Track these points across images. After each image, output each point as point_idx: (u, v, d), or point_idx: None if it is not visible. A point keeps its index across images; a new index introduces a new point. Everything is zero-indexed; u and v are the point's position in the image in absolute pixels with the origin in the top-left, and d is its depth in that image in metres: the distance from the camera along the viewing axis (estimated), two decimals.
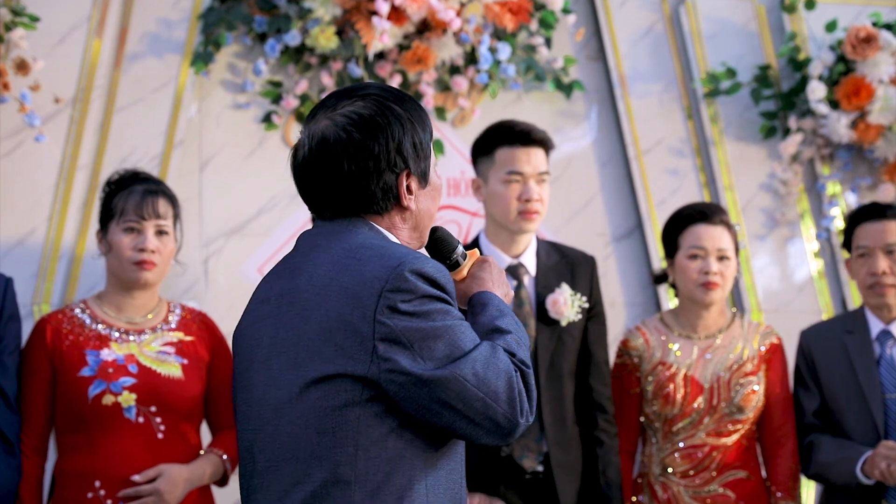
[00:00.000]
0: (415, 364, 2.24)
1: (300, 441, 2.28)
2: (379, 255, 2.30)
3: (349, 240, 2.35)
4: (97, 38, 4.59)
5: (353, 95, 2.40)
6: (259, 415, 2.35)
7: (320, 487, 2.26)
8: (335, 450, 2.26)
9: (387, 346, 2.24)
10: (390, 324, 2.24)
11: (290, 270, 2.39)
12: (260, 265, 4.78)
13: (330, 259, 2.32)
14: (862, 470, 3.82)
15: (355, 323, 2.25)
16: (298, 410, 2.28)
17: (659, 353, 3.97)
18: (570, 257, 4.05)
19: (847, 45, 4.98)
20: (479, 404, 2.26)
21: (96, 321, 3.64)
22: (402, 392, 2.25)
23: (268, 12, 4.75)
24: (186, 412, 3.59)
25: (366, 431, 2.27)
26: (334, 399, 2.26)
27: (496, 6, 4.81)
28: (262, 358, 2.35)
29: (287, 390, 2.30)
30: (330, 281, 2.29)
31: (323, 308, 2.28)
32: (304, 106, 4.81)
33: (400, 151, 2.39)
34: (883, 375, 3.94)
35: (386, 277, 2.26)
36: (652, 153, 5.10)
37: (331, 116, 2.38)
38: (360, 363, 2.25)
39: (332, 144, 2.36)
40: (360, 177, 2.37)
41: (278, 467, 2.31)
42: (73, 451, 3.54)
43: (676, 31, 5.22)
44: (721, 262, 3.93)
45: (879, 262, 3.95)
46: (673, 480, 3.92)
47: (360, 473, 2.26)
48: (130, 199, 3.64)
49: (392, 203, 2.41)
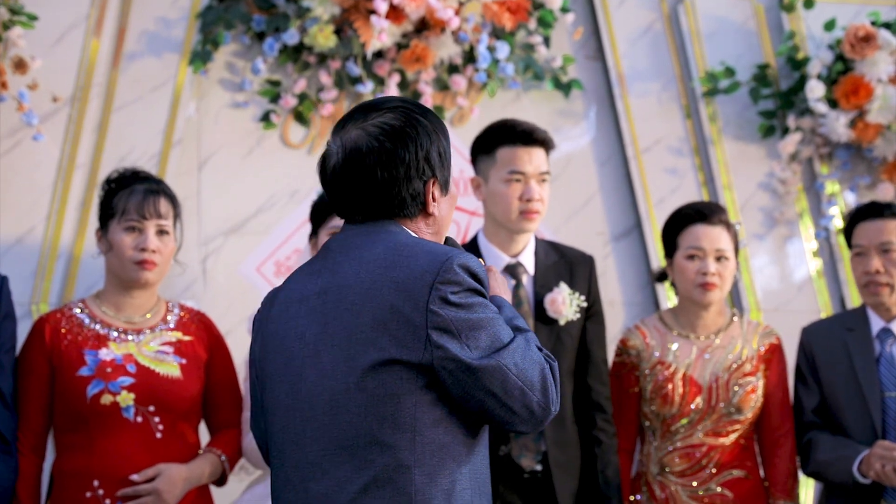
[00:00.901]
0: (463, 352, 2.40)
1: (360, 429, 2.40)
2: (425, 250, 2.46)
3: (390, 239, 2.50)
4: (95, 37, 4.59)
5: (382, 108, 2.55)
6: (311, 406, 2.46)
7: (382, 472, 2.39)
8: (395, 435, 2.40)
9: (439, 334, 2.39)
10: (442, 313, 2.39)
11: (327, 270, 2.52)
12: (258, 264, 4.77)
13: (375, 256, 2.46)
14: (859, 469, 3.82)
15: (408, 313, 2.39)
16: (357, 400, 2.41)
17: (658, 352, 3.97)
18: (569, 257, 4.05)
19: (846, 44, 4.97)
20: (517, 392, 2.43)
21: (95, 320, 3.63)
22: (451, 378, 2.40)
23: (266, 11, 4.74)
24: (185, 412, 3.59)
25: (422, 417, 2.41)
26: (392, 387, 2.40)
27: (495, 5, 4.81)
28: (309, 353, 2.47)
29: (343, 381, 2.42)
30: (379, 276, 2.43)
31: (375, 302, 2.41)
32: (302, 105, 4.81)
33: (427, 160, 2.54)
34: (882, 373, 3.93)
35: (436, 270, 2.41)
36: (651, 152, 5.10)
37: (363, 127, 2.51)
38: (414, 351, 2.39)
39: (364, 153, 2.49)
40: (392, 183, 2.51)
41: (337, 455, 2.42)
42: (71, 451, 3.54)
43: (675, 30, 5.21)
44: (719, 262, 3.92)
45: (873, 262, 3.95)
46: (671, 480, 3.92)
47: (418, 458, 2.41)
48: (132, 199, 3.63)
49: (419, 209, 2.56)
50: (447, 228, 2.67)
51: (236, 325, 4.49)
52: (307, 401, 2.46)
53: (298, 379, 2.49)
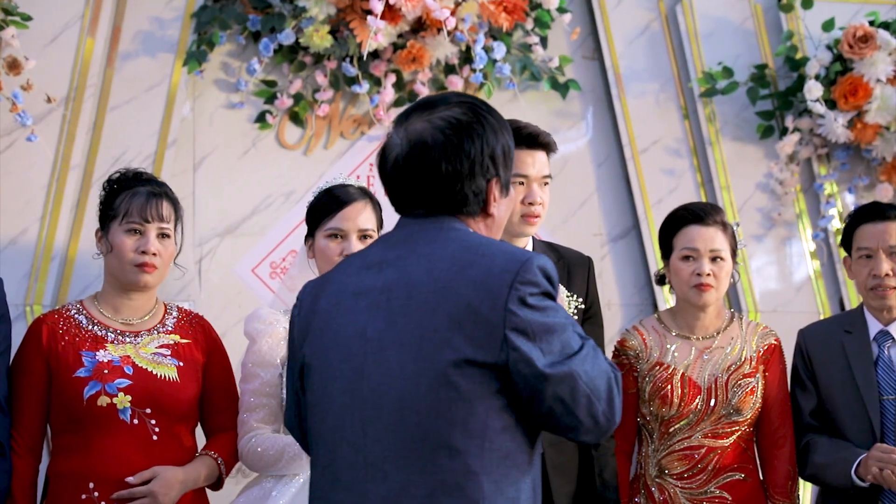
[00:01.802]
0: (537, 356, 2.35)
1: (429, 432, 2.35)
2: (502, 249, 2.42)
3: (461, 237, 2.46)
4: (90, 37, 4.57)
5: (450, 102, 2.51)
6: (375, 406, 2.39)
7: (450, 477, 2.34)
8: (465, 441, 2.34)
9: (516, 335, 2.34)
10: (520, 314, 2.35)
11: (390, 265, 2.47)
12: (254, 265, 4.76)
13: (449, 254, 2.42)
14: (856, 472, 3.80)
15: (485, 313, 2.34)
16: (428, 402, 2.35)
17: (657, 353, 3.95)
18: (567, 258, 4.03)
19: (844, 44, 4.96)
20: (584, 401, 2.39)
21: (92, 322, 3.61)
22: (523, 381, 2.36)
23: (261, 11, 4.73)
24: (181, 414, 3.56)
25: (492, 424, 2.37)
26: (466, 391, 2.34)
27: (491, 5, 4.79)
28: (373, 350, 2.41)
29: (414, 382, 2.36)
30: (455, 275, 2.38)
31: (451, 300, 2.36)
32: (298, 105, 4.79)
33: (492, 158, 2.50)
34: (880, 376, 3.91)
35: (517, 270, 2.37)
36: (648, 153, 5.09)
37: (428, 119, 2.48)
38: (489, 351, 2.34)
39: (430, 145, 2.46)
40: (456, 178, 2.46)
41: (402, 458, 2.36)
42: (67, 452, 3.51)
43: (673, 30, 5.20)
44: (714, 263, 3.90)
45: (882, 264, 3.92)
46: (669, 482, 3.90)
47: (486, 465, 2.36)
48: (135, 201, 3.60)
49: (479, 207, 2.52)
50: (501, 232, 2.62)
51: (232, 327, 4.48)
52: (370, 400, 2.40)
53: (359, 377, 2.42)
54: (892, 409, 3.88)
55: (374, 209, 3.69)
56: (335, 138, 4.87)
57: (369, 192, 3.73)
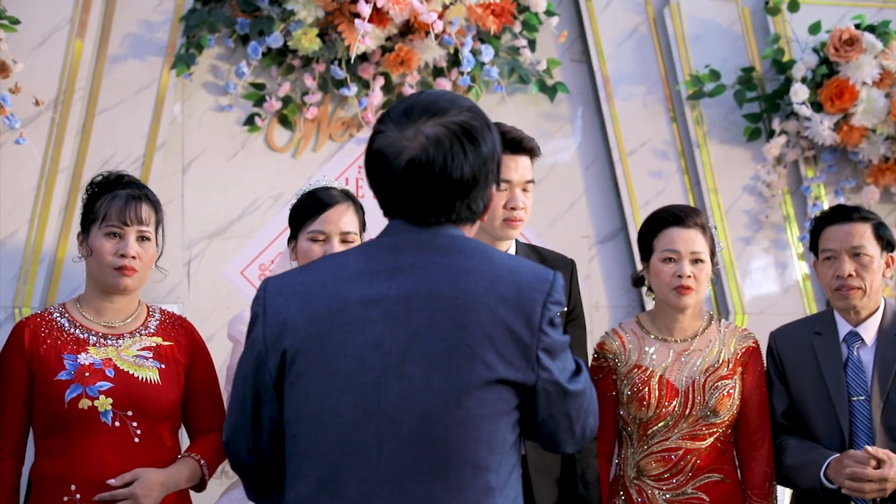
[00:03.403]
0: (560, 375, 2.37)
1: (455, 448, 2.29)
2: (525, 265, 2.41)
3: (478, 247, 2.40)
4: (78, 40, 4.59)
5: (459, 106, 2.41)
6: (394, 421, 2.31)
7: (471, 494, 2.30)
8: (489, 458, 2.31)
9: (546, 355, 2.35)
10: (551, 334, 2.35)
11: (402, 273, 2.37)
12: (243, 267, 4.78)
13: (473, 267, 2.36)
14: (825, 474, 3.82)
15: (519, 331, 2.32)
16: (456, 418, 2.29)
17: (635, 355, 3.96)
18: (549, 260, 4.03)
19: (830, 47, 4.98)
20: (583, 416, 2.44)
21: (74, 325, 3.62)
22: (546, 400, 2.37)
23: (250, 14, 4.75)
24: (163, 417, 3.57)
25: (507, 439, 2.36)
26: (493, 407, 2.31)
27: (479, 8, 4.81)
28: (392, 363, 2.32)
29: (441, 397, 2.29)
30: (484, 289, 2.32)
31: (484, 316, 2.31)
32: (286, 108, 4.81)
33: (498, 164, 2.46)
34: (850, 377, 3.92)
35: (547, 290, 2.36)
36: (636, 155, 5.11)
37: (443, 123, 2.38)
38: (520, 371, 2.32)
39: (451, 150, 2.37)
40: (474, 184, 2.40)
41: (423, 475, 2.29)
42: (49, 455, 3.53)
43: (660, 33, 5.22)
44: (695, 265, 3.91)
45: (845, 265, 3.94)
46: (647, 484, 3.91)
47: (500, 481, 2.34)
48: (113, 204, 3.61)
49: (479, 215, 2.47)
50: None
51: (220, 329, 4.49)
52: (388, 415, 2.31)
53: (374, 390, 2.32)
54: (862, 411, 3.89)
55: (357, 212, 3.70)
56: (324, 141, 4.90)
57: (352, 194, 3.74)
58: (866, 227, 3.95)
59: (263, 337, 2.44)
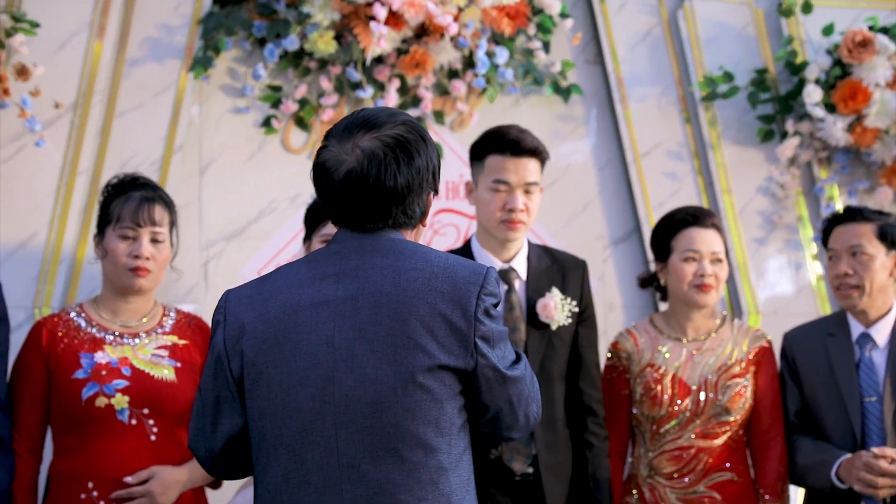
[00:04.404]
0: (499, 361, 2.55)
1: (406, 432, 2.48)
2: (461, 263, 2.58)
3: (417, 249, 2.58)
4: (98, 43, 4.63)
5: (395, 121, 2.60)
6: (348, 410, 2.49)
7: (425, 473, 2.49)
8: (437, 439, 2.51)
9: (483, 342, 2.53)
10: (486, 323, 2.53)
11: (348, 276, 2.55)
12: (259, 268, 4.81)
13: (412, 266, 2.54)
14: (837, 474, 3.84)
15: (456, 322, 2.51)
16: (403, 404, 2.48)
17: (648, 355, 3.99)
18: (561, 261, 4.06)
19: (844, 48, 4.99)
20: (525, 402, 2.62)
21: (91, 324, 3.67)
22: (486, 385, 2.55)
23: (267, 17, 4.78)
24: (179, 415, 3.62)
25: (455, 422, 2.54)
26: (438, 392, 2.50)
27: (494, 11, 4.84)
28: (343, 358, 2.50)
29: (390, 385, 2.48)
30: (422, 286, 2.51)
31: (422, 310, 2.50)
32: (303, 110, 4.84)
33: (433, 173, 2.64)
34: (862, 378, 3.94)
35: (480, 282, 2.55)
36: (650, 157, 5.12)
37: (378, 137, 2.56)
38: (460, 357, 2.51)
39: (384, 161, 2.55)
40: (408, 193, 2.59)
41: (379, 458, 2.48)
42: (67, 453, 3.58)
43: (674, 35, 5.23)
44: (714, 264, 3.95)
45: (843, 265, 3.98)
46: (660, 482, 3.94)
47: (452, 461, 2.53)
48: (127, 206, 3.67)
49: (418, 220, 2.65)
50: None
51: None
52: (343, 405, 2.49)
53: (329, 383, 2.50)
54: (874, 412, 3.91)
55: None
56: None
57: None
58: (867, 227, 3.98)
59: (224, 341, 2.62)
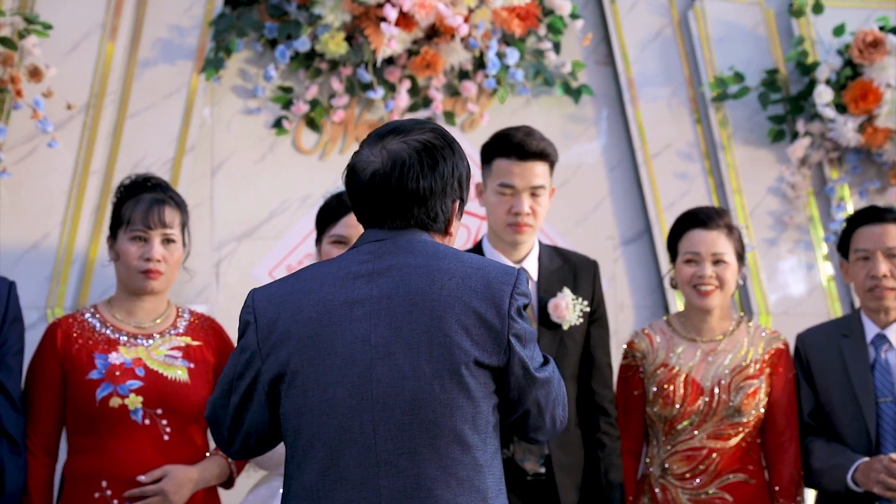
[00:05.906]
0: (529, 361, 2.60)
1: (443, 428, 2.53)
2: (492, 263, 2.65)
3: (448, 250, 2.64)
4: (110, 45, 4.65)
5: (423, 128, 2.69)
6: (386, 407, 2.54)
7: (462, 470, 2.53)
8: (474, 436, 2.55)
9: (516, 340, 2.59)
10: (519, 321, 2.60)
11: (380, 275, 2.60)
12: (271, 268, 4.83)
13: (446, 266, 2.60)
14: (853, 478, 3.83)
15: (491, 319, 2.56)
16: (441, 400, 2.53)
17: (663, 354, 3.99)
18: (573, 262, 4.07)
19: (854, 49, 4.98)
20: (551, 405, 2.68)
21: (105, 325, 3.69)
22: (516, 383, 2.60)
23: (278, 19, 4.80)
24: (192, 415, 3.63)
25: (490, 420, 2.59)
26: (474, 389, 2.55)
27: (504, 12, 4.84)
28: (379, 356, 2.55)
29: (427, 382, 2.53)
30: (457, 285, 2.57)
31: (457, 308, 2.55)
32: (314, 111, 4.86)
33: (459, 181, 2.70)
34: (877, 379, 3.94)
35: (513, 282, 2.61)
36: (660, 157, 5.13)
37: (405, 141, 2.65)
38: (494, 355, 2.57)
39: (408, 164, 2.62)
40: (429, 195, 2.65)
41: (416, 454, 2.52)
42: (81, 452, 3.60)
43: (685, 36, 5.23)
44: (717, 266, 3.94)
45: (880, 266, 3.96)
46: (671, 483, 3.94)
47: (487, 459, 2.58)
48: (138, 208, 3.68)
49: (444, 225, 2.71)
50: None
51: None
52: (380, 402, 2.54)
53: (366, 381, 2.55)
54: (889, 413, 3.91)
55: None
56: (350, 143, 4.94)
57: None
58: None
59: (257, 343, 2.66)
